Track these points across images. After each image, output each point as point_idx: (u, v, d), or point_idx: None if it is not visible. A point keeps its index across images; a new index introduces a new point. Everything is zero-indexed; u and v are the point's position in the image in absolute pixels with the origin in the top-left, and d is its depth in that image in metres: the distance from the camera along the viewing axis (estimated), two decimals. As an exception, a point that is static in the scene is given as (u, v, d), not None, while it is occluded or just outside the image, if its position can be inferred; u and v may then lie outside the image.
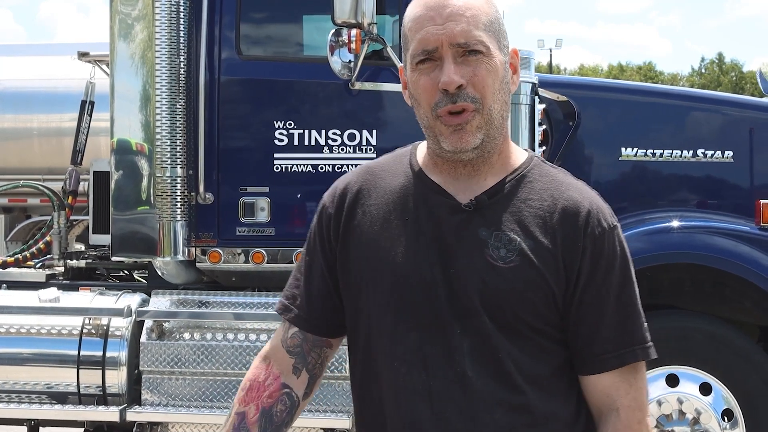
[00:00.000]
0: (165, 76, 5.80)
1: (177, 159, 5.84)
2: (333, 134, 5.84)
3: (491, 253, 2.08)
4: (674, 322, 5.77)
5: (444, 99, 2.07)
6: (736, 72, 64.05)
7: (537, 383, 2.10)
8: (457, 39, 2.07)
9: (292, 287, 2.34)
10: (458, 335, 2.07)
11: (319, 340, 2.32)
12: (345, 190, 2.26)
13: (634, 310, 2.17)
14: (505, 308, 2.07)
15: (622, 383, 2.14)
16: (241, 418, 2.27)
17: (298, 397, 2.31)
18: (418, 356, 2.09)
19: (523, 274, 2.07)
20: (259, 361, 2.33)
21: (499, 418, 2.06)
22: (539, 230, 2.10)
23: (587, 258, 2.10)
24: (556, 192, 2.15)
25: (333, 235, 2.24)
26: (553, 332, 2.12)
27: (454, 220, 2.12)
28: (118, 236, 5.90)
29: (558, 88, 6.04)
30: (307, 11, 6.17)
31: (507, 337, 2.08)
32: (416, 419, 2.08)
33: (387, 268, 2.13)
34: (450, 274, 2.09)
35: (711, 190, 6.10)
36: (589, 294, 2.11)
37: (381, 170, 2.26)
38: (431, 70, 2.09)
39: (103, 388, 5.90)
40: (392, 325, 2.12)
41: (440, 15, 2.08)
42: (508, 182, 2.16)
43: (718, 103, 6.60)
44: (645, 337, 2.18)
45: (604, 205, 2.19)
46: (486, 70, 2.08)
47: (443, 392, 2.07)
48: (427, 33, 2.08)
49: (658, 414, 5.58)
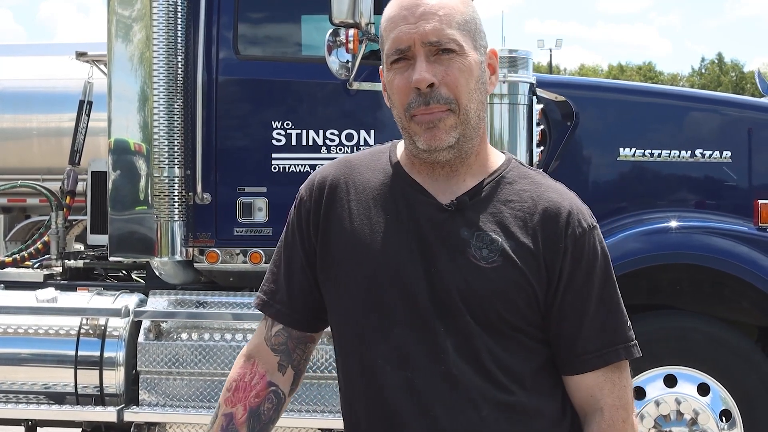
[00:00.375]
0: (163, 76, 5.80)
1: (174, 159, 5.84)
2: (331, 134, 5.84)
3: (474, 253, 2.08)
4: (672, 322, 5.77)
5: (417, 99, 2.08)
6: (736, 72, 64.08)
7: (521, 381, 2.10)
8: (428, 37, 2.07)
9: (270, 282, 2.32)
10: (442, 333, 2.07)
11: (303, 336, 2.31)
12: (323, 182, 2.24)
13: (616, 309, 2.17)
14: (487, 308, 2.07)
15: (605, 383, 2.14)
16: (228, 419, 2.26)
17: (284, 394, 2.31)
18: (403, 354, 2.09)
19: (505, 274, 2.07)
20: (243, 360, 2.32)
21: (486, 415, 2.06)
22: (520, 231, 2.11)
23: (568, 258, 2.11)
24: (535, 193, 2.16)
25: (312, 229, 2.23)
26: (536, 332, 2.13)
27: (435, 219, 2.12)
28: (115, 236, 5.89)
29: (556, 88, 6.03)
30: (304, 11, 6.17)
31: (490, 336, 2.08)
32: (402, 417, 2.08)
33: (369, 265, 2.13)
34: (432, 273, 2.09)
35: (709, 190, 6.09)
36: (570, 294, 2.12)
37: (359, 165, 2.25)
38: (405, 70, 2.09)
39: (100, 389, 5.89)
40: (376, 324, 2.12)
41: (413, 14, 2.09)
42: (487, 184, 2.16)
43: (717, 103, 6.59)
44: (628, 336, 2.18)
45: (583, 206, 2.20)
46: (459, 69, 2.08)
47: (429, 390, 2.07)
48: (400, 32, 2.09)
49: (656, 414, 5.58)
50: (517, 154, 5.65)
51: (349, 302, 2.16)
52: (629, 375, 2.20)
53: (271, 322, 2.30)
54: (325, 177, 2.25)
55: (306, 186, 2.29)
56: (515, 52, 5.77)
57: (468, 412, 2.06)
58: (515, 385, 2.09)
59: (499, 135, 5.68)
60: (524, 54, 5.77)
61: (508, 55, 5.72)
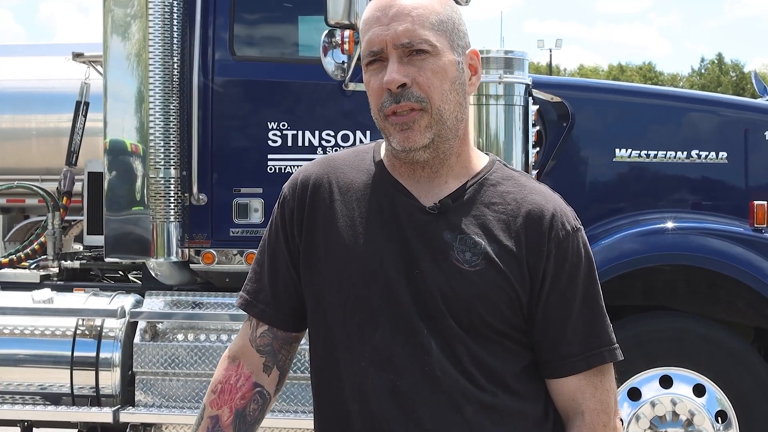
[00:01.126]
0: (158, 77, 5.80)
1: (170, 160, 5.84)
2: (327, 135, 5.85)
3: (457, 256, 2.08)
4: (668, 323, 5.77)
5: (389, 99, 2.08)
6: (736, 72, 64.06)
7: (505, 384, 2.10)
8: (400, 39, 2.07)
9: (253, 281, 2.31)
10: (425, 335, 2.07)
11: (288, 336, 2.30)
12: (306, 182, 2.24)
13: (599, 312, 2.17)
14: (470, 311, 2.07)
15: (587, 386, 2.14)
16: (214, 421, 2.26)
17: (269, 394, 2.30)
18: (386, 356, 2.08)
19: (488, 278, 2.07)
20: (228, 361, 2.31)
21: (469, 416, 2.06)
22: (503, 234, 2.10)
23: (552, 261, 2.10)
24: (519, 196, 2.15)
25: (296, 228, 2.22)
26: (519, 335, 2.12)
27: (418, 222, 2.12)
28: (111, 237, 5.89)
29: (552, 89, 6.03)
30: (300, 12, 6.17)
31: (473, 339, 2.07)
32: (385, 419, 2.07)
33: (352, 267, 2.12)
34: (415, 275, 2.08)
35: (705, 191, 6.08)
36: (554, 297, 2.11)
37: (343, 164, 2.24)
38: (379, 71, 2.10)
39: (96, 389, 5.90)
40: (359, 325, 2.11)
41: (386, 15, 2.09)
42: (470, 186, 2.15)
43: (713, 104, 6.58)
44: (611, 339, 2.18)
45: (567, 208, 2.19)
46: (432, 69, 2.08)
47: (412, 392, 2.06)
48: (373, 34, 2.09)
49: (651, 415, 5.57)
50: (512, 154, 5.65)
51: (332, 303, 2.15)
52: (613, 378, 2.19)
53: (255, 322, 2.29)
54: (309, 176, 2.24)
55: (289, 184, 2.27)
56: (511, 53, 5.76)
57: (451, 413, 2.06)
58: (498, 387, 2.09)
59: (495, 136, 5.67)
60: (520, 55, 5.76)
61: (504, 56, 5.72)
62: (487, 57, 5.70)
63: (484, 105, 5.66)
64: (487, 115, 5.66)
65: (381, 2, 2.12)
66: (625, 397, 5.61)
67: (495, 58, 5.69)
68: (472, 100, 5.62)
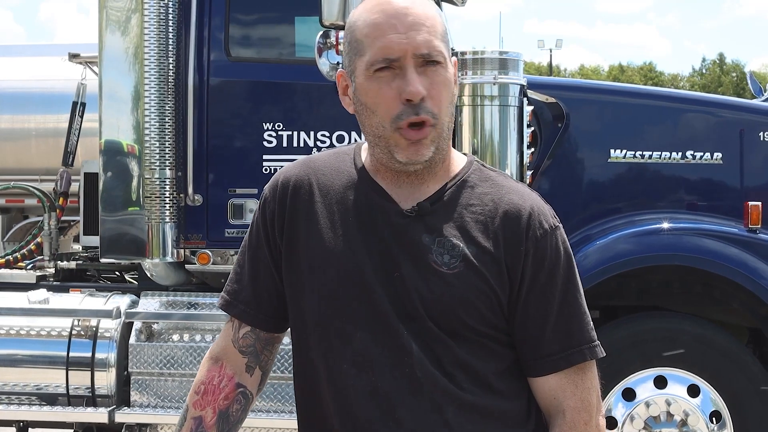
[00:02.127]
0: (154, 77, 5.81)
1: (166, 160, 5.84)
2: (322, 135, 5.86)
3: (435, 258, 2.08)
4: (662, 323, 5.77)
5: (407, 110, 2.05)
6: (737, 72, 64.01)
7: (486, 384, 2.10)
8: (420, 49, 2.06)
9: (234, 282, 2.32)
10: (405, 337, 2.07)
11: (270, 337, 2.31)
12: (286, 183, 2.24)
13: (579, 310, 2.17)
14: (449, 314, 2.07)
15: (568, 384, 2.14)
16: (198, 422, 2.27)
17: (251, 394, 2.31)
18: (367, 358, 2.08)
19: (467, 280, 2.07)
20: (211, 362, 2.32)
21: (450, 417, 2.06)
22: (481, 235, 2.10)
23: (530, 260, 2.11)
24: (496, 196, 2.15)
25: (277, 230, 2.22)
26: (500, 336, 2.12)
27: (396, 225, 2.12)
28: (106, 238, 5.90)
29: (546, 90, 6.03)
30: (295, 13, 6.18)
31: (453, 341, 2.08)
32: (366, 421, 2.08)
33: (332, 269, 2.13)
34: (394, 278, 2.09)
35: (700, 192, 6.09)
36: (533, 296, 2.11)
37: (323, 166, 2.24)
38: (391, 79, 2.06)
39: (92, 390, 5.90)
40: (340, 328, 2.11)
41: (402, 23, 2.06)
42: (449, 188, 2.15)
43: (708, 104, 6.58)
44: (591, 337, 2.17)
45: (545, 207, 2.19)
46: (442, 83, 2.08)
47: (393, 393, 2.07)
48: (389, 41, 2.06)
49: (646, 416, 5.58)
50: (507, 155, 5.66)
51: (312, 306, 2.15)
52: (595, 376, 2.19)
53: (237, 323, 2.30)
54: (289, 177, 2.24)
55: (270, 186, 2.28)
56: (506, 53, 5.76)
57: (432, 414, 2.06)
58: (480, 387, 2.09)
59: (490, 136, 5.68)
60: (515, 56, 5.76)
61: (498, 56, 5.72)
62: (482, 58, 5.70)
63: (479, 106, 5.67)
64: (481, 116, 5.67)
65: (389, 8, 2.08)
66: (620, 397, 5.62)
67: (490, 58, 5.70)
68: (467, 101, 5.65)
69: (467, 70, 5.67)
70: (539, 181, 5.86)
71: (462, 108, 5.66)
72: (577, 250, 5.64)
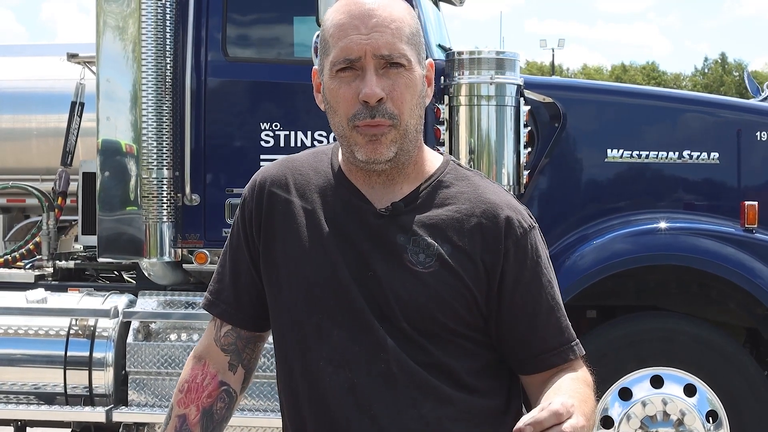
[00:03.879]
0: (151, 77, 5.82)
1: (163, 160, 5.86)
2: (319, 135, 5.87)
3: (410, 258, 2.09)
4: (659, 323, 5.77)
5: (363, 111, 2.07)
6: (739, 72, 63.93)
7: (462, 382, 2.11)
8: (381, 50, 2.06)
9: (216, 282, 2.33)
10: (381, 335, 2.08)
11: (251, 336, 2.33)
12: (264, 183, 2.25)
13: (561, 308, 2.19)
14: (425, 313, 2.08)
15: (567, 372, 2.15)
16: (182, 420, 2.28)
17: (235, 392, 2.33)
18: (344, 355, 2.10)
19: (442, 279, 2.08)
20: (194, 361, 2.33)
21: (426, 413, 2.08)
22: (457, 234, 2.11)
23: (511, 260, 2.11)
24: (473, 195, 2.16)
25: (255, 230, 2.24)
26: (476, 335, 2.13)
27: (371, 225, 2.13)
28: (104, 237, 5.92)
29: (543, 90, 6.03)
30: (293, 13, 6.19)
31: (428, 340, 2.09)
32: (343, 417, 2.09)
33: (308, 268, 2.14)
34: (368, 278, 2.10)
35: (697, 191, 6.09)
36: (519, 296, 2.12)
37: (302, 166, 2.25)
38: (351, 80, 2.08)
39: (89, 389, 5.92)
40: (317, 326, 2.13)
41: (365, 24, 2.07)
42: (423, 189, 2.16)
43: (705, 104, 6.58)
44: (574, 334, 2.20)
45: (521, 207, 2.20)
46: (405, 84, 2.08)
47: (369, 389, 2.08)
48: (351, 42, 2.07)
49: (642, 415, 5.58)
50: (504, 155, 5.67)
51: (290, 304, 2.17)
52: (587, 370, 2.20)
53: (219, 322, 2.32)
54: (266, 177, 2.26)
55: (248, 186, 2.30)
56: (503, 53, 5.78)
57: (408, 410, 2.08)
58: (455, 385, 2.10)
59: (487, 136, 5.68)
60: (511, 55, 5.77)
61: (495, 56, 5.73)
62: (479, 58, 5.71)
63: (475, 106, 5.68)
64: (478, 116, 5.68)
65: (355, 9, 2.09)
66: (616, 396, 5.62)
67: (486, 58, 5.71)
68: (464, 101, 5.65)
69: (464, 70, 5.68)
70: (536, 181, 5.87)
71: (459, 108, 5.67)
72: (573, 250, 5.65)
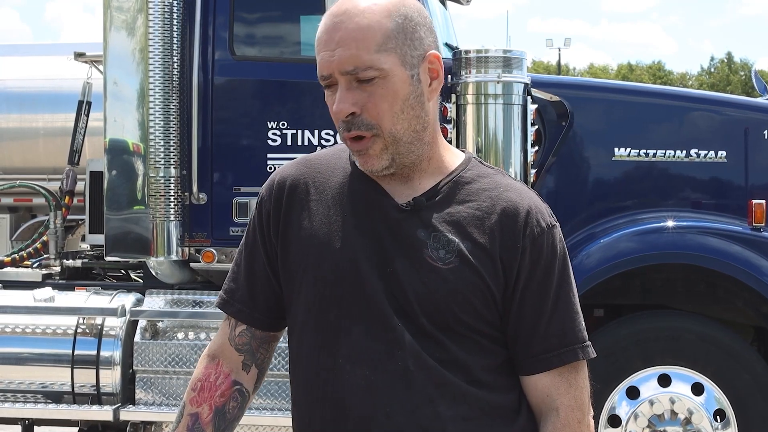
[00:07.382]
0: (158, 76, 5.82)
1: (170, 159, 5.86)
2: (326, 134, 5.87)
3: (430, 253, 2.08)
4: (666, 322, 5.77)
5: (342, 125, 2.08)
6: (746, 71, 63.80)
7: (478, 380, 2.10)
8: (344, 66, 2.03)
9: (231, 281, 2.32)
10: (399, 331, 2.07)
11: (266, 336, 2.32)
12: (283, 183, 2.24)
13: (572, 309, 2.17)
14: (443, 309, 2.07)
15: (561, 383, 2.14)
16: (194, 419, 2.28)
17: (248, 392, 2.32)
18: (361, 352, 2.09)
19: (462, 276, 2.07)
20: (208, 360, 2.32)
21: (442, 411, 2.07)
22: (477, 231, 2.10)
23: (527, 258, 2.10)
24: (494, 193, 2.15)
25: (273, 229, 2.23)
26: (493, 332, 2.12)
27: (392, 220, 2.12)
28: (111, 236, 5.92)
29: (550, 88, 6.02)
30: (300, 12, 6.19)
31: (446, 337, 2.08)
32: (360, 415, 2.08)
33: (327, 266, 2.13)
34: (388, 273, 2.09)
35: (704, 190, 6.08)
36: (528, 293, 2.11)
37: (320, 164, 2.25)
38: (333, 93, 2.07)
39: (97, 388, 5.92)
40: (335, 323, 2.12)
41: (332, 39, 2.04)
42: (444, 184, 2.15)
43: (712, 103, 6.57)
44: (584, 336, 2.17)
45: (542, 205, 2.18)
46: (381, 95, 2.05)
47: (386, 386, 2.07)
48: (322, 59, 2.06)
49: (650, 414, 5.58)
50: (511, 154, 5.67)
51: (307, 301, 2.16)
52: (586, 376, 2.19)
53: (233, 321, 2.31)
54: (285, 177, 2.25)
55: (266, 186, 2.28)
56: (510, 52, 5.77)
57: (424, 408, 2.07)
58: (472, 382, 2.09)
59: (494, 135, 5.69)
60: (518, 54, 5.77)
61: (502, 55, 5.73)
62: (486, 56, 5.71)
63: (482, 104, 5.68)
64: (485, 115, 5.68)
65: (328, 21, 2.07)
66: (624, 395, 5.62)
67: (494, 57, 5.71)
68: (471, 100, 5.65)
69: (471, 69, 5.69)
70: (543, 180, 5.86)
71: (466, 107, 5.67)
72: (580, 249, 5.65)
